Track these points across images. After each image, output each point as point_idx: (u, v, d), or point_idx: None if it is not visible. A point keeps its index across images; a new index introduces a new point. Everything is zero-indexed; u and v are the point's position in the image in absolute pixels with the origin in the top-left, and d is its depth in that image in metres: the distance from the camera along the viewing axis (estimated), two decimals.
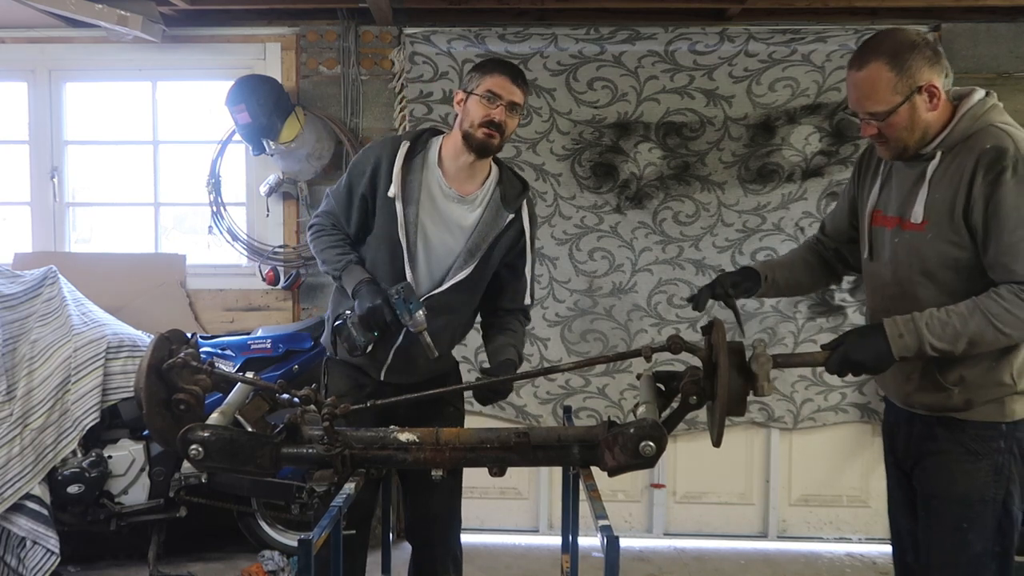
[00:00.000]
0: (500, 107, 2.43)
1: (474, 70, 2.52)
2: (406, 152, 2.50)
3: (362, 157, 2.57)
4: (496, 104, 2.43)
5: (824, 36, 3.89)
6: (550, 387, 4.04)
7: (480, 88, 2.45)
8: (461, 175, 2.52)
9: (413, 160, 2.51)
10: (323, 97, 4.04)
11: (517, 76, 2.48)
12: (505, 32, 3.93)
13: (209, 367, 1.99)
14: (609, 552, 1.71)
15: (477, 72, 2.50)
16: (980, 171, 1.91)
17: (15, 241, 4.26)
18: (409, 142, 2.52)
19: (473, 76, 2.50)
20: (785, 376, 3.99)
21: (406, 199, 2.48)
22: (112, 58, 4.12)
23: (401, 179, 2.47)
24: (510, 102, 2.44)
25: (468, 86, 2.49)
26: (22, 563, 3.33)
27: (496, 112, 2.43)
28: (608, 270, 4.02)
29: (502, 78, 2.45)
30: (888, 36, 2.02)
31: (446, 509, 2.77)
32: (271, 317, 4.08)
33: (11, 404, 3.35)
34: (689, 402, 1.97)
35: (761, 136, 3.94)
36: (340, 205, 2.57)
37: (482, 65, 2.52)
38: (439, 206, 2.51)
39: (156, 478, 3.55)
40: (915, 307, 1.98)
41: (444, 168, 2.53)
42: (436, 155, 2.54)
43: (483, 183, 2.55)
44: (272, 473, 1.97)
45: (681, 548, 4.07)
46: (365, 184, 2.51)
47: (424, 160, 2.53)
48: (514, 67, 2.52)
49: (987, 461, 2.01)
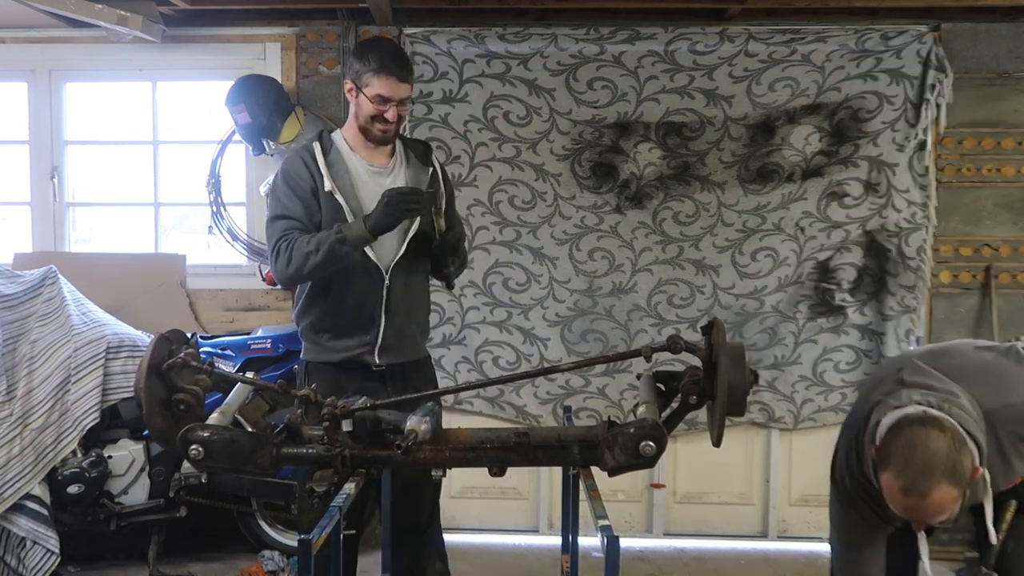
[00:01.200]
0: (392, 107, 2.58)
1: (359, 61, 2.60)
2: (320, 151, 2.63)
3: (288, 165, 2.66)
4: (387, 106, 2.58)
5: (824, 36, 3.89)
6: (550, 387, 4.04)
7: (369, 91, 2.57)
8: (373, 153, 2.69)
9: (328, 157, 2.64)
10: (323, 97, 4.03)
11: (404, 71, 2.60)
12: (505, 32, 3.93)
13: (209, 367, 1.99)
14: (609, 552, 1.71)
15: (363, 66, 2.58)
16: None
17: (15, 241, 4.26)
18: (317, 143, 2.66)
19: (360, 70, 2.59)
20: (785, 376, 3.99)
21: (342, 189, 2.59)
22: (112, 58, 4.12)
23: (327, 170, 2.60)
24: (400, 100, 2.59)
25: (357, 79, 2.60)
26: (22, 563, 3.33)
27: (389, 113, 2.58)
28: (608, 270, 4.01)
29: (389, 81, 2.56)
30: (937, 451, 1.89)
31: (430, 503, 2.82)
32: (271, 317, 4.08)
33: (11, 404, 3.35)
34: (689, 402, 1.97)
35: (761, 136, 3.94)
36: (297, 210, 2.60)
37: (367, 57, 2.59)
38: (368, 184, 2.65)
39: (156, 478, 3.55)
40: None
41: (353, 149, 2.68)
42: (344, 144, 2.69)
43: (393, 152, 2.74)
44: (272, 473, 1.97)
45: (681, 548, 4.07)
46: (308, 180, 2.60)
47: (338, 153, 2.66)
48: (399, 60, 2.61)
49: None
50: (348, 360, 2.65)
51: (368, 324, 2.64)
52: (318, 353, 2.69)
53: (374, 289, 2.63)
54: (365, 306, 2.63)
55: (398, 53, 2.67)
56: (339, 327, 2.66)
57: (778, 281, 3.97)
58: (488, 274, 4.00)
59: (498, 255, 4.00)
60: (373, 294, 2.63)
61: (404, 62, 2.64)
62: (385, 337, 2.64)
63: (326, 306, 2.66)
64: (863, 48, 3.88)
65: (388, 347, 2.66)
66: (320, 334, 2.68)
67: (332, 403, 1.91)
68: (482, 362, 4.02)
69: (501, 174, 3.98)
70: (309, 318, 2.70)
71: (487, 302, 4.01)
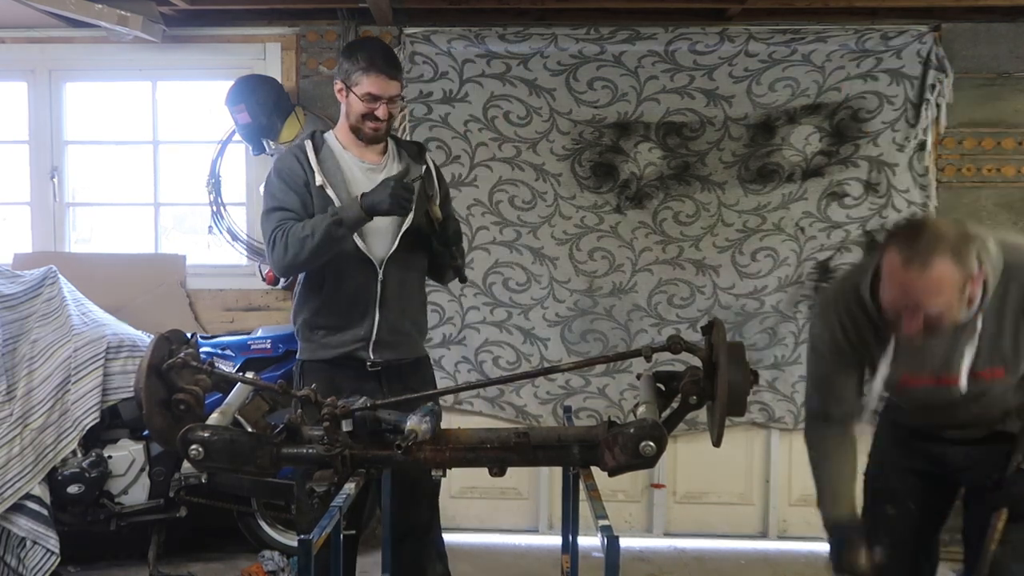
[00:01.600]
0: (382, 105, 2.59)
1: (348, 61, 2.62)
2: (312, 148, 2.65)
3: (281, 163, 2.69)
4: (378, 103, 2.59)
5: (824, 36, 3.89)
6: (550, 387, 4.04)
7: (359, 90, 2.59)
8: (365, 151, 2.70)
9: (320, 154, 2.66)
10: (323, 97, 4.03)
11: (393, 69, 2.61)
12: (505, 32, 3.93)
13: (209, 367, 1.99)
14: (609, 552, 1.71)
15: (352, 65, 2.60)
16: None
17: (15, 241, 4.26)
18: (308, 140, 2.68)
19: (350, 69, 2.60)
20: (785, 376, 3.99)
21: (333, 184, 2.60)
22: (112, 58, 4.12)
23: (318, 166, 2.61)
24: (390, 97, 2.60)
25: (346, 79, 2.61)
26: (22, 563, 3.33)
27: (379, 111, 2.60)
28: (608, 270, 4.01)
29: (379, 78, 2.57)
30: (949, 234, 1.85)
31: (429, 505, 2.82)
32: (271, 317, 4.08)
33: (11, 404, 3.35)
34: (689, 402, 1.97)
35: (761, 136, 3.94)
36: (292, 202, 2.61)
37: (355, 56, 2.61)
38: (361, 179, 2.65)
39: (156, 478, 3.55)
40: None
41: (349, 150, 2.70)
42: (336, 143, 2.70)
43: (385, 150, 2.75)
44: (272, 473, 1.97)
45: (681, 548, 4.07)
46: (301, 175, 2.62)
47: (330, 150, 2.68)
48: (387, 58, 2.62)
49: None
50: (342, 357, 2.65)
51: (361, 318, 2.64)
52: (313, 351, 2.69)
53: (367, 283, 2.63)
54: (359, 300, 2.64)
55: (387, 51, 2.69)
56: (333, 323, 2.66)
57: (778, 281, 3.97)
58: (488, 274, 4.00)
59: (498, 255, 4.00)
60: (367, 288, 2.63)
61: (392, 60, 2.65)
62: (379, 331, 2.64)
63: (320, 301, 2.66)
64: (863, 48, 3.88)
65: (383, 342, 2.65)
66: (315, 331, 2.69)
67: (332, 403, 1.91)
68: (482, 362, 4.02)
69: (501, 174, 3.98)
70: (304, 315, 2.71)
71: (487, 302, 4.01)
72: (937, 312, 1.85)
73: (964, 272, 1.83)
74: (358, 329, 2.64)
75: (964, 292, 1.85)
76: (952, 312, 1.86)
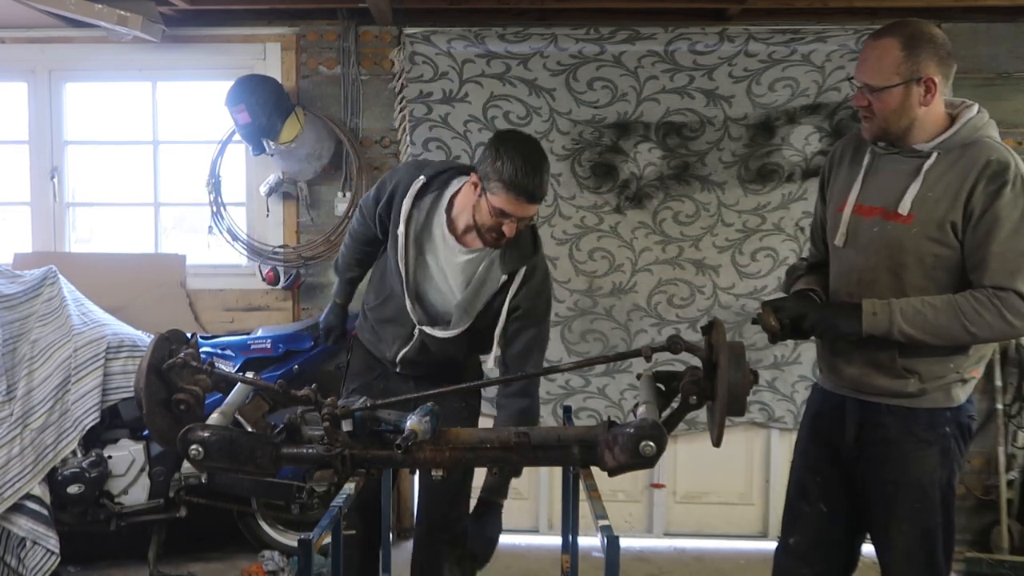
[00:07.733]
0: (510, 223, 2.35)
1: (492, 162, 2.31)
2: (419, 189, 2.48)
3: (388, 178, 2.61)
4: (507, 220, 2.34)
5: (824, 36, 3.89)
6: (550, 387, 4.04)
7: (493, 200, 2.31)
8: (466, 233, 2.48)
9: (425, 197, 2.49)
10: (323, 97, 4.04)
11: (535, 192, 2.32)
12: (505, 32, 3.93)
13: (209, 367, 1.99)
14: (609, 552, 1.71)
15: (494, 170, 2.30)
16: (982, 180, 2.05)
17: (15, 241, 4.26)
18: (426, 178, 2.49)
19: (490, 173, 2.31)
20: (785, 376, 3.99)
21: (410, 235, 2.51)
22: (112, 58, 4.12)
23: (408, 214, 2.49)
24: (521, 218, 2.36)
25: (485, 180, 2.33)
26: (22, 563, 3.33)
27: (506, 227, 2.35)
28: (608, 270, 4.02)
29: (517, 200, 2.30)
30: (913, 23, 2.11)
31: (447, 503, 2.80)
32: (271, 317, 4.08)
33: (11, 404, 3.35)
34: (689, 402, 1.96)
35: (761, 136, 3.94)
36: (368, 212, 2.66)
37: (501, 161, 2.30)
38: (438, 250, 2.51)
39: (156, 478, 3.55)
40: (880, 296, 2.11)
41: (452, 217, 2.49)
42: (448, 201, 2.49)
43: None
44: (272, 473, 1.97)
45: (681, 548, 4.07)
46: (383, 206, 2.58)
47: (437, 201, 2.50)
48: (533, 179, 2.30)
49: (936, 447, 2.15)
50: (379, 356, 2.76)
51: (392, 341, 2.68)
52: (361, 332, 2.82)
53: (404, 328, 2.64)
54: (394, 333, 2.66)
55: (535, 168, 2.31)
56: (373, 328, 2.74)
57: (778, 281, 3.97)
58: None
59: None
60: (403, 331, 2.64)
61: (538, 180, 2.31)
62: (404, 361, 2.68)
63: (372, 302, 2.74)
64: None
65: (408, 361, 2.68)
66: (365, 319, 2.78)
67: (332, 403, 1.91)
68: None
69: None
70: (365, 299, 2.79)
71: None
72: (873, 86, 2.08)
73: (906, 57, 2.05)
74: (387, 351, 2.70)
75: (902, 80, 2.05)
76: (890, 102, 2.08)
